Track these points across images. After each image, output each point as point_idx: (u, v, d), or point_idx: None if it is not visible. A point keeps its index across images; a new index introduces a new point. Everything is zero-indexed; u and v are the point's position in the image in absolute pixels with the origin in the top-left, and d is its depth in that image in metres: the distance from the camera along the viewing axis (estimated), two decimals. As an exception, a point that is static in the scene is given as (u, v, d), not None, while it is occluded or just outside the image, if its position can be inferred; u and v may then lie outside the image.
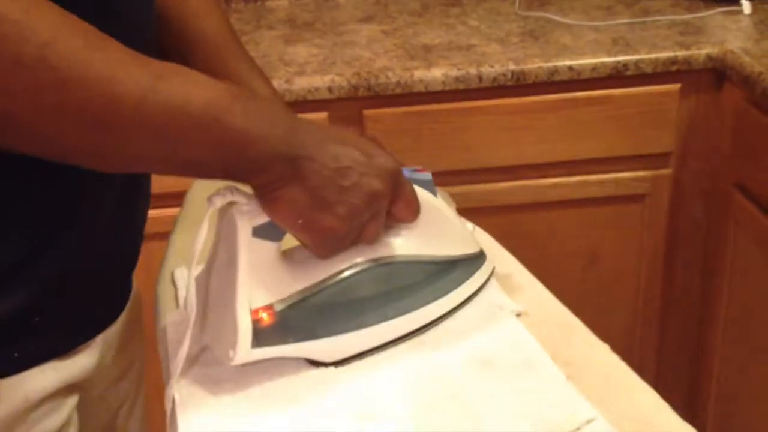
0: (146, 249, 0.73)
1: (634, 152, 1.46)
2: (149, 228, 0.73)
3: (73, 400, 0.64)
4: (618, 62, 1.38)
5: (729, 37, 1.44)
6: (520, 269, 0.78)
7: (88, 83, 0.47)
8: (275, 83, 1.35)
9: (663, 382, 1.56)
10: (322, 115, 1.38)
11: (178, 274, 0.76)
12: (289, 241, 0.60)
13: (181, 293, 0.73)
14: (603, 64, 1.38)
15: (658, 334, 1.59)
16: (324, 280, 0.61)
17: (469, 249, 0.70)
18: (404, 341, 0.66)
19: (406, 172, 0.63)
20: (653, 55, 1.39)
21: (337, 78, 1.36)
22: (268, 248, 0.59)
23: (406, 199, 0.61)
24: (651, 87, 1.41)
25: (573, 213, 1.49)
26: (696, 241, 1.53)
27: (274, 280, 0.60)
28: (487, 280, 0.72)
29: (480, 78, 1.37)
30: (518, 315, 0.70)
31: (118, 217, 0.65)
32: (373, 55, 1.44)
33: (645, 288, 1.56)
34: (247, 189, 0.57)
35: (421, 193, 0.64)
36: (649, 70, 1.39)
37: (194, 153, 0.52)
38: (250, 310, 0.59)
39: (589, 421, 0.59)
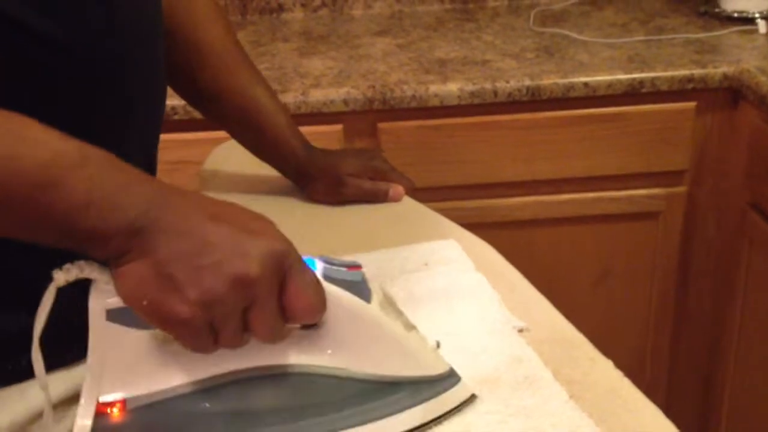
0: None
1: (649, 170, 1.45)
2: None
3: (76, 411, 0.64)
4: (634, 79, 1.38)
5: (744, 56, 1.43)
6: (524, 285, 0.77)
7: None
8: (290, 96, 1.36)
9: (674, 402, 1.55)
10: (337, 128, 1.39)
11: None
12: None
13: None
14: (618, 81, 1.38)
15: (670, 353, 1.58)
16: (197, 382, 0.52)
17: (419, 370, 0.57)
18: None
19: (325, 269, 0.53)
20: (669, 73, 1.38)
21: (352, 91, 1.37)
22: (130, 335, 0.51)
23: (296, 287, 0.50)
24: (666, 105, 1.41)
25: (586, 229, 1.48)
26: (709, 260, 1.52)
27: (134, 372, 0.52)
28: (456, 408, 0.59)
29: (495, 93, 1.37)
30: (520, 331, 0.70)
31: None
32: (388, 68, 1.44)
33: (657, 306, 1.55)
34: None
35: (344, 297, 0.53)
36: (664, 87, 1.38)
37: (20, 217, 0.47)
38: (97, 402, 0.51)
39: (590, 440, 0.58)
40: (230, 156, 1.03)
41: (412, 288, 0.52)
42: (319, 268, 0.53)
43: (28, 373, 0.59)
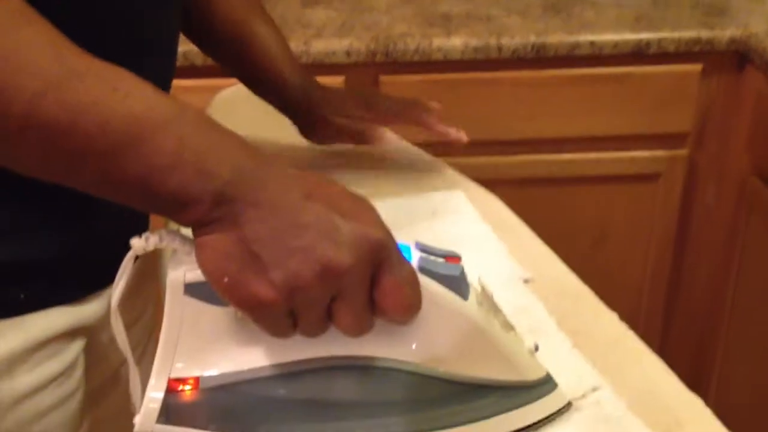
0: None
1: (651, 131, 1.44)
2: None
3: (79, 344, 0.64)
4: (640, 40, 1.36)
5: (753, 20, 1.41)
6: (532, 237, 0.77)
7: None
8: (292, 46, 1.33)
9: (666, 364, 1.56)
10: (338, 80, 1.37)
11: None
12: None
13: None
14: (625, 41, 1.36)
15: (663, 317, 1.59)
16: (276, 366, 0.49)
17: (514, 375, 0.53)
18: None
19: (421, 260, 0.49)
20: (676, 34, 1.37)
21: (355, 42, 1.35)
22: (209, 310, 0.48)
23: (391, 283, 0.45)
24: (672, 66, 1.40)
25: (586, 189, 1.48)
26: (708, 225, 1.52)
27: (212, 350, 0.49)
28: (549, 417, 0.55)
29: (500, 49, 1.35)
30: (526, 282, 0.70)
31: None
32: (392, 20, 1.42)
33: (653, 269, 1.55)
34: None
35: (440, 293, 0.49)
36: (671, 49, 1.37)
37: (101, 169, 0.44)
38: (169, 378, 0.49)
39: (594, 389, 0.58)
40: (232, 103, 1.02)
41: (419, 237, 0.50)
42: (414, 258, 0.49)
43: (26, 306, 0.58)
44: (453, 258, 0.51)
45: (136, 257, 0.48)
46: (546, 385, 0.55)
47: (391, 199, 0.79)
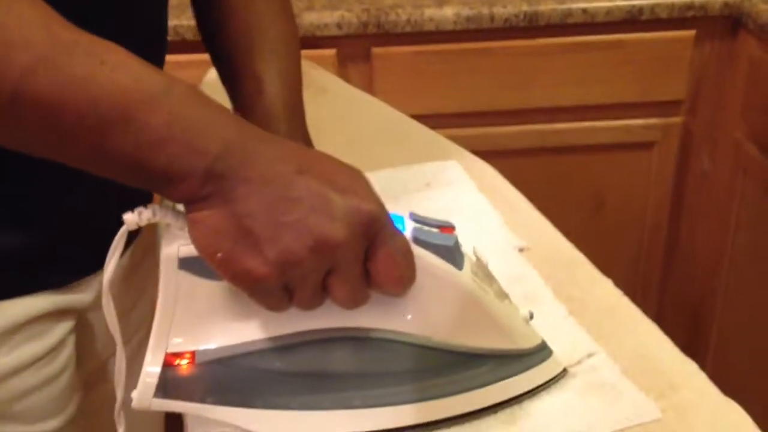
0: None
1: (645, 99, 1.44)
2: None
3: (66, 325, 0.63)
4: (633, 6, 1.35)
5: (747, -17, 1.40)
6: (525, 206, 0.77)
7: None
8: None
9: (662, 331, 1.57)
10: (330, 52, 1.36)
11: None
12: None
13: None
14: (617, 7, 1.35)
15: (659, 285, 1.60)
16: (271, 339, 0.49)
17: (510, 343, 0.53)
18: None
19: (414, 230, 0.49)
20: (669, 0, 1.36)
21: (346, 14, 1.34)
22: (204, 285, 0.48)
23: (386, 255, 0.45)
24: (665, 33, 1.39)
25: (580, 159, 1.48)
26: (703, 192, 1.52)
27: (208, 324, 0.49)
28: (545, 385, 0.55)
29: (492, 18, 1.34)
30: (521, 250, 0.70)
31: None
32: (384, -9, 1.41)
33: (649, 236, 1.55)
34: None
35: (435, 264, 0.49)
36: (664, 15, 1.36)
37: (91, 144, 0.43)
38: (166, 353, 0.49)
39: (589, 355, 0.59)
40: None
41: (413, 208, 0.50)
42: (408, 228, 0.49)
43: (4, 293, 0.58)
44: (447, 228, 0.50)
45: (130, 237, 0.48)
46: (541, 352, 0.55)
47: (385, 170, 0.79)
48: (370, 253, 0.45)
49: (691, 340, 1.59)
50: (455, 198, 0.75)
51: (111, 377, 0.71)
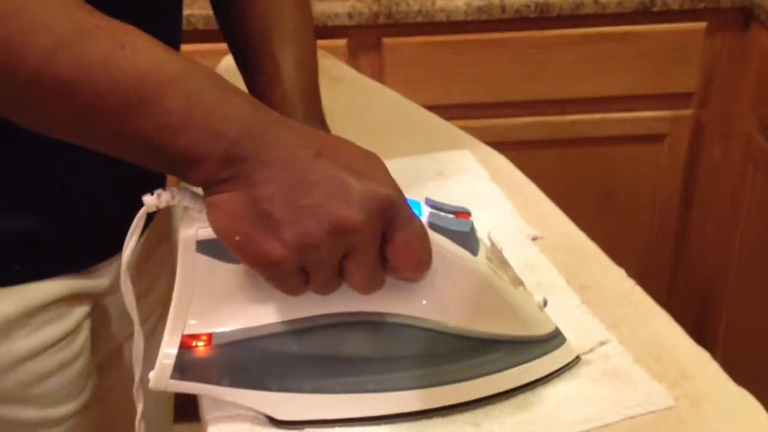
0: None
1: (656, 91, 1.44)
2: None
3: (83, 309, 0.64)
4: (644, -3, 1.35)
5: (760, -25, 1.40)
6: (538, 196, 0.77)
7: None
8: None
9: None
10: (341, 42, 1.37)
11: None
12: None
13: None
14: (629, -2, 1.35)
15: (670, 274, 1.60)
16: (287, 322, 0.50)
17: (524, 330, 0.54)
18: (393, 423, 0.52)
19: (430, 216, 0.49)
20: (681, -8, 1.35)
21: (357, 4, 1.34)
22: (222, 268, 0.48)
23: (402, 240, 0.46)
24: (677, 24, 1.38)
25: (591, 151, 1.48)
26: (713, 185, 1.52)
27: (225, 307, 0.50)
28: (559, 371, 0.55)
29: (503, 9, 1.34)
30: (534, 239, 0.70)
31: None
32: (395, -18, 1.41)
33: (659, 229, 1.55)
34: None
35: (450, 249, 0.49)
36: (675, 6, 1.36)
37: (110, 127, 0.44)
38: (183, 335, 0.50)
39: (602, 343, 0.59)
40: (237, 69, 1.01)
41: (427, 197, 0.51)
42: (425, 213, 0.49)
43: (21, 276, 0.58)
44: (463, 214, 0.51)
45: (145, 222, 0.48)
46: (555, 339, 0.55)
47: (398, 159, 0.79)
48: (387, 238, 0.46)
49: (700, 332, 1.59)
50: (468, 187, 0.75)
51: (125, 361, 0.72)
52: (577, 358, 0.57)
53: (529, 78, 1.41)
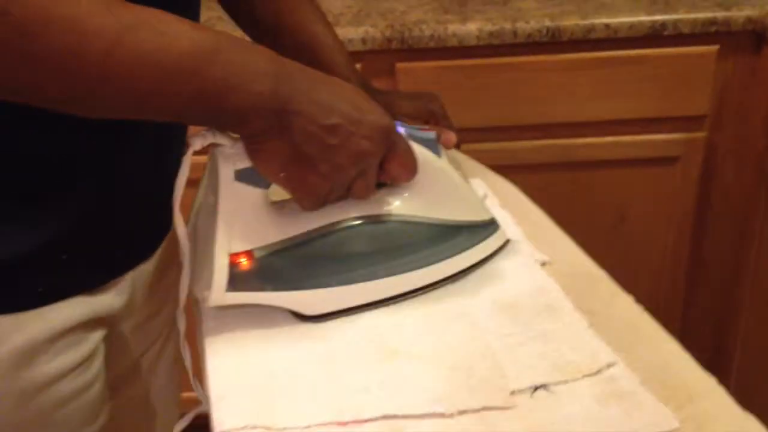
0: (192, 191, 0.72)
1: (669, 114, 1.44)
2: (194, 172, 0.73)
3: (99, 334, 0.65)
4: (655, 21, 1.36)
5: (771, -1, 1.41)
6: (547, 223, 0.78)
7: (51, 38, 0.46)
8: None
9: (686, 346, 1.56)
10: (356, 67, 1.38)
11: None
12: (279, 191, 0.60)
13: None
14: (640, 22, 1.36)
15: (683, 300, 1.59)
16: (309, 232, 0.61)
17: (476, 216, 0.67)
18: (393, 303, 0.65)
19: (405, 130, 0.61)
20: (692, 15, 1.36)
21: (370, 30, 1.36)
22: (252, 193, 0.59)
23: (400, 157, 0.60)
24: (688, 48, 1.39)
25: (603, 174, 1.48)
26: (727, 207, 1.52)
27: (257, 226, 0.60)
28: (498, 250, 0.69)
29: (515, 34, 1.36)
30: (543, 264, 0.71)
31: (153, 156, 0.65)
32: (408, 7, 1.43)
33: (672, 251, 1.55)
34: None
35: (422, 152, 0.62)
36: (687, 30, 1.37)
37: (170, 103, 0.52)
38: (229, 253, 0.59)
39: (609, 365, 0.59)
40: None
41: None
42: (401, 131, 0.61)
43: (45, 298, 0.60)
44: (425, 129, 0.64)
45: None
46: (495, 224, 0.68)
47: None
48: (389, 156, 0.59)
49: (715, 356, 1.59)
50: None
51: (141, 375, 0.74)
52: (508, 241, 0.69)
53: (542, 101, 1.42)
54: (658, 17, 1.36)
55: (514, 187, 0.84)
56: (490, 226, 0.68)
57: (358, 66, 1.37)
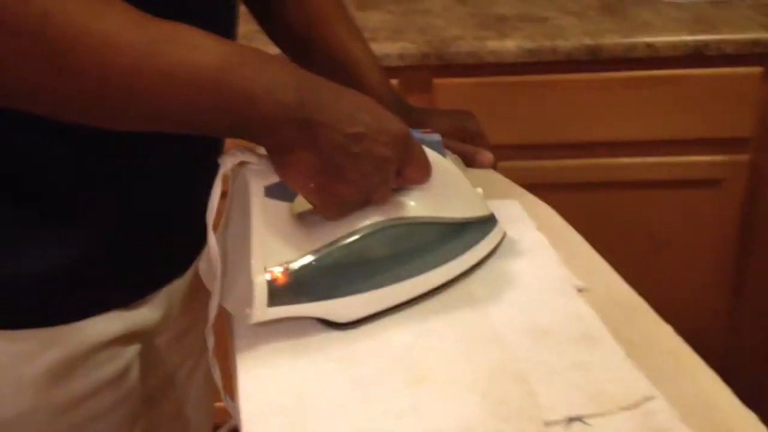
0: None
1: (711, 135, 1.42)
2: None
3: (134, 348, 0.65)
4: (699, 41, 1.34)
5: (818, 19, 1.38)
6: (585, 247, 0.76)
7: (82, 53, 0.47)
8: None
9: (727, 380, 1.52)
10: (392, 82, 1.38)
11: None
12: (301, 203, 0.61)
13: None
14: (683, 42, 1.34)
15: (726, 327, 1.55)
16: (337, 240, 0.62)
17: (479, 212, 0.70)
18: (417, 303, 0.66)
19: (415, 134, 0.63)
20: (736, 36, 1.34)
21: (408, 45, 1.35)
22: (280, 208, 0.60)
23: (416, 161, 0.61)
24: (731, 69, 1.37)
25: (644, 194, 1.46)
26: (769, 231, 1.49)
27: (288, 240, 0.60)
28: (498, 244, 0.71)
29: (554, 51, 1.34)
30: (580, 290, 0.69)
31: (189, 170, 0.65)
32: (446, 23, 1.42)
33: (714, 277, 1.52)
34: (260, 148, 0.58)
35: (432, 154, 0.64)
36: (730, 51, 1.34)
37: (197, 115, 0.52)
38: (265, 269, 0.59)
39: (647, 399, 0.58)
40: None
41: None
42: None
43: (82, 312, 0.60)
44: (427, 131, 0.66)
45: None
46: (494, 219, 0.70)
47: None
48: (407, 161, 0.60)
49: (759, 386, 1.55)
50: (516, 236, 0.75)
51: (168, 399, 0.73)
52: (505, 234, 0.72)
53: (581, 120, 1.40)
54: (701, 37, 1.34)
55: (551, 209, 0.82)
56: (490, 222, 0.71)
57: (394, 82, 1.37)
